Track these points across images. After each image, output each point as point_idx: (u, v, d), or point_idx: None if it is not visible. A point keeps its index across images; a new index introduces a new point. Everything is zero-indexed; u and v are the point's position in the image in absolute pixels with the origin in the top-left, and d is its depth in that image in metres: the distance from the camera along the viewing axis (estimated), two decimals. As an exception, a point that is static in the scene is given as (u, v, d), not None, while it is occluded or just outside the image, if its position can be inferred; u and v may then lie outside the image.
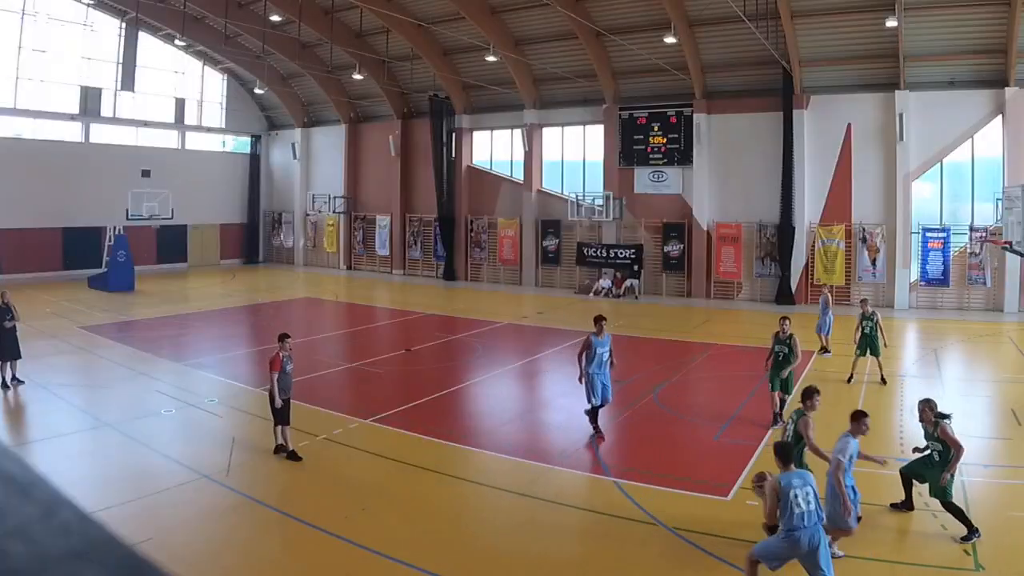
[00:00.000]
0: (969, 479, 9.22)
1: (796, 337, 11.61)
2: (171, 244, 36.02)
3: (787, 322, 11.94)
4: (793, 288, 24.98)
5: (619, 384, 14.36)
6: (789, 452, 6.79)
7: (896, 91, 23.18)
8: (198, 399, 13.01)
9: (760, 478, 7.59)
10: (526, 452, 10.54)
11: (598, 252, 28.59)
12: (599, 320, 11.38)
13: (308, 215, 38.57)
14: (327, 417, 11.92)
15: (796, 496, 6.13)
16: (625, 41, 25.16)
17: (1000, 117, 22.21)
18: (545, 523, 8.26)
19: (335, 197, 36.65)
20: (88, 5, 32.04)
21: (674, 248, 27.38)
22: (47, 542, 0.44)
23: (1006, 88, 21.80)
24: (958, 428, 11.24)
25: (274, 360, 10.20)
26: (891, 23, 20.53)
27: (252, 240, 40.11)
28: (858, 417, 7.43)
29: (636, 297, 27.08)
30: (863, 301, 14.89)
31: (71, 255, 31.80)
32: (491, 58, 27.01)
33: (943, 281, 23.27)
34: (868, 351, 14.16)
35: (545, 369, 16.50)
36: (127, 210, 31.43)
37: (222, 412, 12.38)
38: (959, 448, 7.79)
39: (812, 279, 24.98)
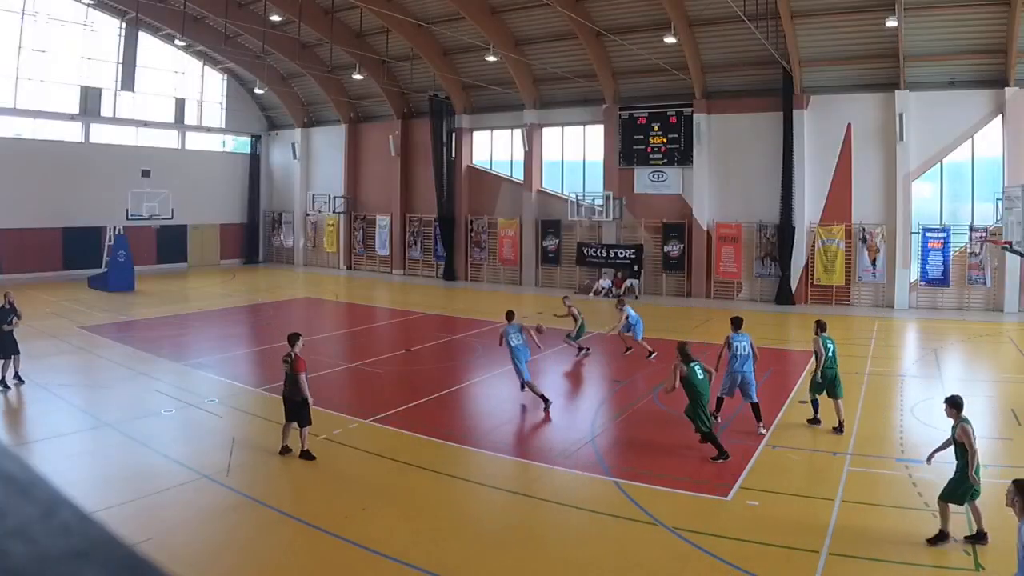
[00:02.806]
0: (969, 479, 9.22)
1: (817, 340, 11.43)
2: (171, 244, 36.01)
3: (816, 327, 11.70)
4: (793, 288, 24.97)
5: (619, 384, 14.39)
6: (739, 321, 11.85)
7: (896, 91, 23.18)
8: (198, 399, 13.01)
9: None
10: (526, 452, 10.54)
11: (598, 252, 28.58)
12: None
13: (308, 215, 38.56)
14: (327, 417, 11.91)
15: (736, 347, 11.10)
16: (625, 41, 25.16)
17: (1000, 117, 22.21)
18: (545, 523, 8.27)
19: (335, 197, 36.65)
20: (88, 5, 32.03)
21: (674, 248, 27.37)
22: (47, 542, 0.44)
23: (1006, 88, 21.80)
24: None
25: (300, 360, 10.15)
26: (891, 23, 20.52)
27: (252, 240, 40.10)
28: None
29: (636, 297, 27.07)
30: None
31: (71, 255, 31.80)
32: (491, 58, 27.01)
33: (943, 281, 23.26)
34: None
35: (545, 369, 16.48)
36: (127, 210, 31.44)
37: (222, 412, 12.38)
38: (670, 383, 10.11)
39: (812, 279, 24.98)
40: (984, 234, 22.02)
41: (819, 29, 23.29)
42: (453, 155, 32.58)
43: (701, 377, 10.05)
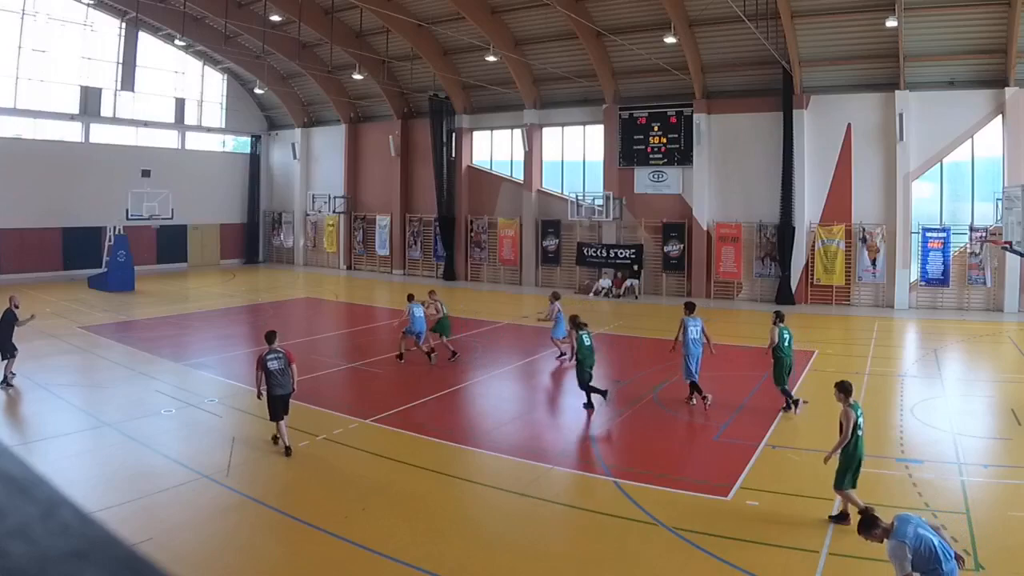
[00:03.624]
0: (969, 479, 9.23)
1: (773, 329, 12.38)
2: (171, 244, 36.01)
3: (775, 317, 12.79)
4: (793, 288, 24.97)
5: (619, 384, 14.39)
6: (692, 305, 13.11)
7: (896, 91, 23.18)
8: (198, 399, 13.00)
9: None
10: (526, 452, 10.54)
11: (598, 252, 28.58)
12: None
13: (308, 215, 38.57)
14: (327, 417, 11.92)
15: (690, 329, 12.42)
16: (625, 41, 25.16)
17: (1000, 117, 22.20)
18: (545, 523, 8.27)
19: (335, 197, 36.64)
20: (88, 5, 32.03)
21: (674, 248, 27.37)
22: (47, 542, 0.44)
23: (1006, 88, 21.80)
24: (957, 428, 11.30)
25: (291, 353, 10.54)
26: (891, 23, 20.52)
27: (252, 240, 40.10)
28: None
29: (636, 297, 27.09)
30: (431, 292, 17.71)
31: (71, 255, 31.79)
32: (491, 58, 27.00)
33: (943, 281, 23.26)
34: (442, 334, 16.72)
35: (545, 369, 16.49)
36: (127, 210, 31.39)
37: (222, 412, 12.37)
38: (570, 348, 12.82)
39: (812, 279, 24.98)
40: (984, 234, 22.02)
41: (819, 29, 23.29)
42: (453, 155, 32.58)
43: (588, 344, 12.56)
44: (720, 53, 25.64)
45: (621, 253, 28.14)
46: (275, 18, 29.37)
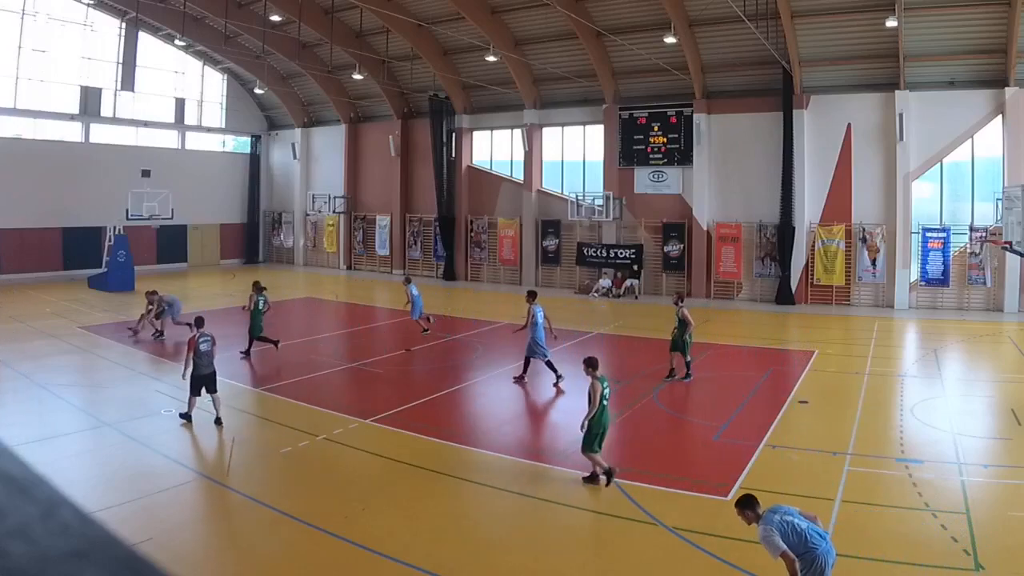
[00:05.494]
0: (969, 479, 9.23)
1: (682, 309, 14.35)
2: (171, 244, 36.00)
3: (676, 297, 15.22)
4: (793, 288, 24.96)
5: (619, 384, 14.39)
6: (534, 294, 14.87)
7: (896, 91, 23.18)
8: (198, 399, 12.98)
9: None
10: (526, 452, 10.54)
11: (598, 252, 28.58)
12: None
13: (308, 215, 38.57)
14: (327, 417, 11.92)
15: (537, 315, 13.97)
16: (625, 41, 25.16)
17: (1000, 117, 22.20)
18: (545, 523, 8.26)
19: (335, 197, 36.64)
20: (88, 5, 32.04)
21: (674, 248, 27.37)
22: (47, 542, 0.44)
23: (1006, 88, 21.80)
24: (957, 428, 11.31)
25: (190, 342, 11.65)
26: (891, 23, 20.52)
27: (252, 240, 40.10)
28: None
29: (636, 297, 27.09)
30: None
31: (71, 255, 31.79)
32: (491, 58, 27.00)
33: (943, 281, 23.26)
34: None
35: (545, 369, 16.47)
36: (127, 210, 31.38)
37: (222, 412, 12.35)
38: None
39: (812, 279, 24.98)
40: (984, 234, 22.02)
41: (819, 29, 23.30)
42: (453, 155, 32.58)
43: (261, 308, 16.62)
44: (720, 53, 25.65)
45: (621, 253, 28.14)
46: (275, 18, 29.38)
